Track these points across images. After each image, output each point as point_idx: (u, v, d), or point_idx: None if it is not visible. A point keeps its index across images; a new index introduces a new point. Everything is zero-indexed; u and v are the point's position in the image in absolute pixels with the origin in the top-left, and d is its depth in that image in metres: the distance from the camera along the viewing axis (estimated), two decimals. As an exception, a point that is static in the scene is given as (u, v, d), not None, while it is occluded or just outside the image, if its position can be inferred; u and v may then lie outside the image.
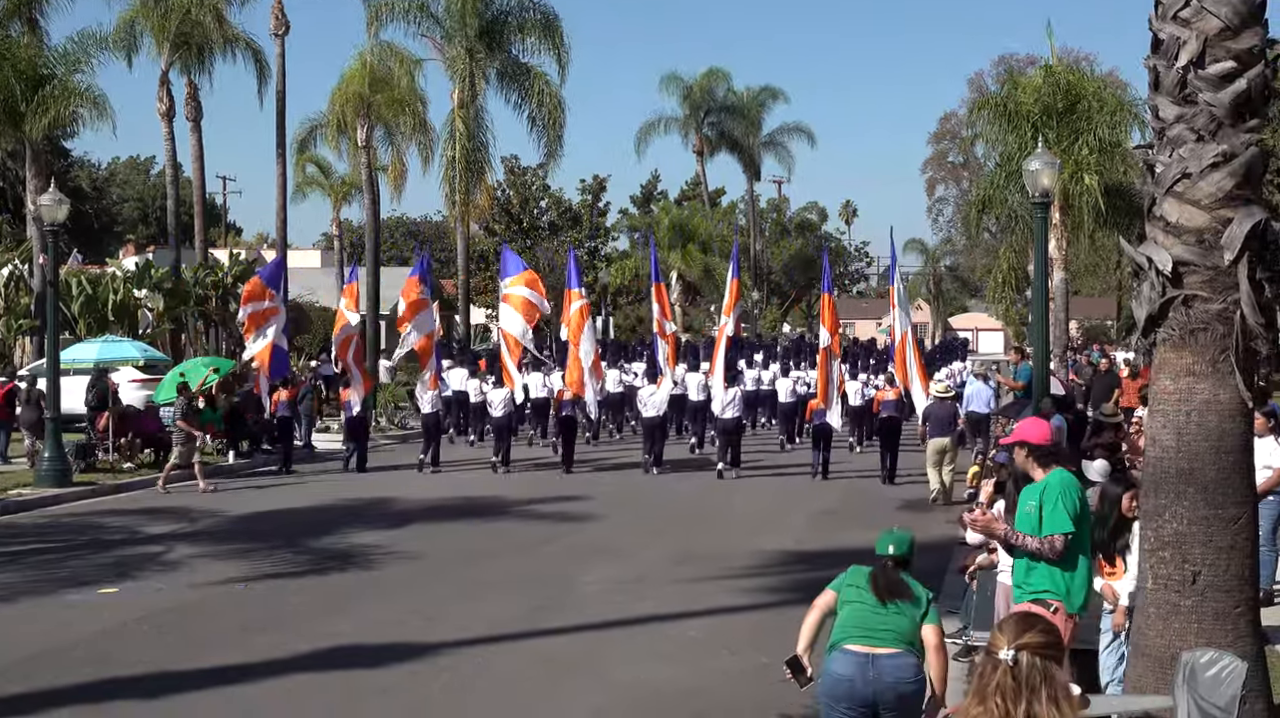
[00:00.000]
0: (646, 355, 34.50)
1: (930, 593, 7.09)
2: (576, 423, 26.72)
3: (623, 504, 21.40)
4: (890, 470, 23.55)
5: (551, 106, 44.10)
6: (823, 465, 24.08)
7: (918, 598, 6.91)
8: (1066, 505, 7.52)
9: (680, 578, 14.70)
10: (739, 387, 27.30)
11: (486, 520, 19.44)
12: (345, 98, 41.34)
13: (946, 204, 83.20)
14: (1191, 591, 7.69)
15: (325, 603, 13.45)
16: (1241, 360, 7.69)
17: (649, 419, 25.85)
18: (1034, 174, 17.29)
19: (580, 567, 15.50)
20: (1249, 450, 7.94)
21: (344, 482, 24.14)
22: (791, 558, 15.93)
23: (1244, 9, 7.81)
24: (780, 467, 26.39)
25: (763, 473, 25.44)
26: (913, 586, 6.98)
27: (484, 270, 64.36)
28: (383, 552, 16.40)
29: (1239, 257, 7.66)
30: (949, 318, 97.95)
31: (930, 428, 21.20)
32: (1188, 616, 7.65)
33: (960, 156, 72.67)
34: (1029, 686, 3.85)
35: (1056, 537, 7.47)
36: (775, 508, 21.01)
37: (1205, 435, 7.75)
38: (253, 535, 17.83)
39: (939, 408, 21.52)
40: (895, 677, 6.68)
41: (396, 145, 45.18)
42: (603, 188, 70.95)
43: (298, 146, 47.73)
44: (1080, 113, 32.01)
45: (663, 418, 26.35)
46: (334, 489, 22.90)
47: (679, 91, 65.52)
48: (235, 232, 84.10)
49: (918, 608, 6.87)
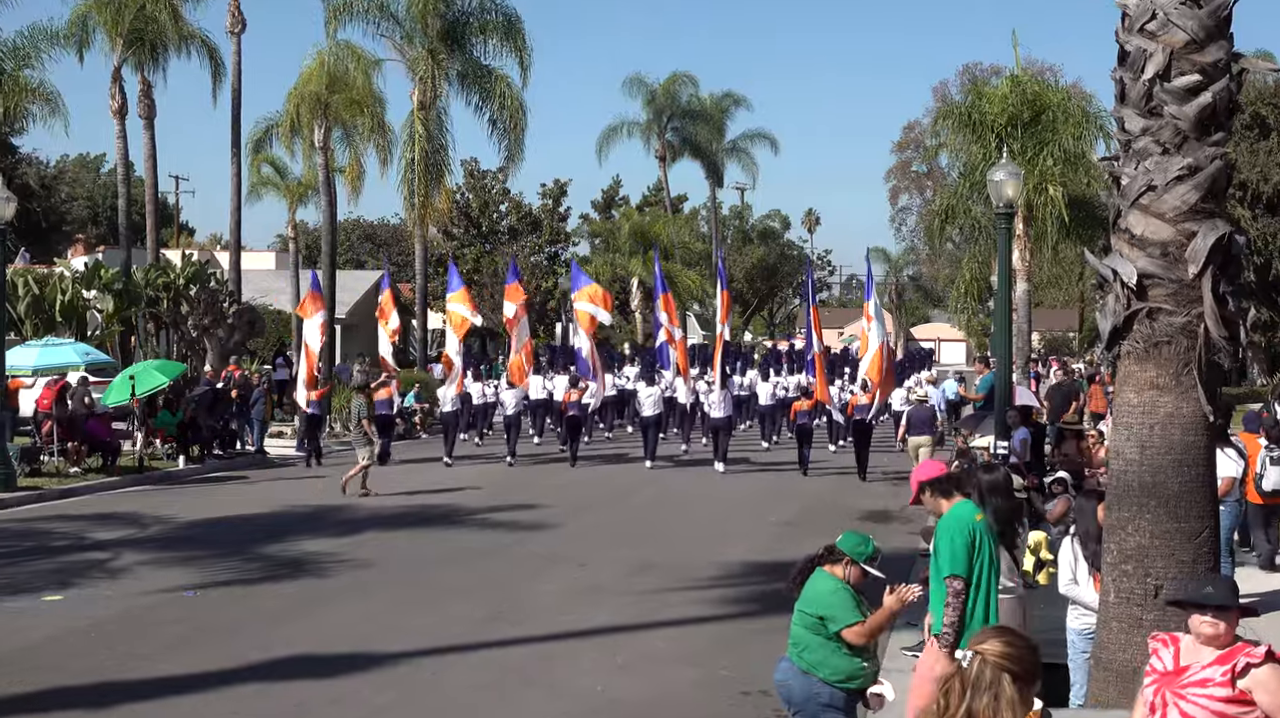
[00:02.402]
0: (641, 359, 38.31)
1: (832, 605, 7.22)
2: (581, 423, 29.24)
3: (582, 511, 21.39)
4: (861, 468, 26.21)
5: (513, 109, 44.00)
6: (805, 461, 26.73)
7: (803, 603, 7.28)
8: (954, 545, 7.45)
9: (639, 588, 14.69)
10: (728, 389, 29.06)
11: (442, 528, 19.35)
12: (302, 97, 41.09)
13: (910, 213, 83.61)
14: (1154, 604, 7.75)
15: (276, 611, 13.36)
16: (1205, 374, 7.76)
17: (647, 418, 28.58)
18: (998, 184, 17.40)
19: (537, 575, 15.46)
20: (1212, 464, 8.02)
21: (297, 488, 23.98)
22: (753, 569, 15.94)
23: (1210, 23, 7.90)
24: (763, 465, 28.80)
25: (742, 470, 27.68)
26: (807, 587, 7.27)
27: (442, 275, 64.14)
28: (335, 559, 16.30)
29: (1203, 270, 7.74)
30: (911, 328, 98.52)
31: (910, 428, 24.53)
32: (1150, 629, 7.69)
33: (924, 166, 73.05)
34: (974, 687, 3.95)
35: (953, 580, 7.43)
36: (738, 516, 21.08)
37: (1168, 449, 7.81)
38: (203, 542, 17.66)
39: (918, 411, 24.85)
40: (779, 678, 7.39)
41: (354, 147, 44.95)
42: (563, 192, 70.80)
43: (253, 147, 47.34)
44: (1045, 123, 32.21)
45: (659, 416, 29.34)
46: (286, 495, 22.74)
47: (642, 95, 65.58)
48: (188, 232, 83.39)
49: (807, 615, 7.24)
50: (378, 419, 28.57)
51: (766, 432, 33.47)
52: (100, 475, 24.15)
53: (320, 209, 44.55)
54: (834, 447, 32.10)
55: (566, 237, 72.19)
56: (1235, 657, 5.28)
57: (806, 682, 7.22)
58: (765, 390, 33.46)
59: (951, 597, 7.41)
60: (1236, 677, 5.21)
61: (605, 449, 32.05)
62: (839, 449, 31.56)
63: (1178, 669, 5.38)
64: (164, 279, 40.26)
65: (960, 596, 7.38)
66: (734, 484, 25.68)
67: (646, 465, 27.80)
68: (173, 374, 28.15)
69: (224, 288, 38.69)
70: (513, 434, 28.83)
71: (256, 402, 29.64)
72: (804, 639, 7.27)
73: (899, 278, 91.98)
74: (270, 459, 28.79)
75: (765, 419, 33.77)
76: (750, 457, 30.32)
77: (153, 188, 42.73)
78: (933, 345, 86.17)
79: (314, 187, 46.82)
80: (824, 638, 7.20)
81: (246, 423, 29.78)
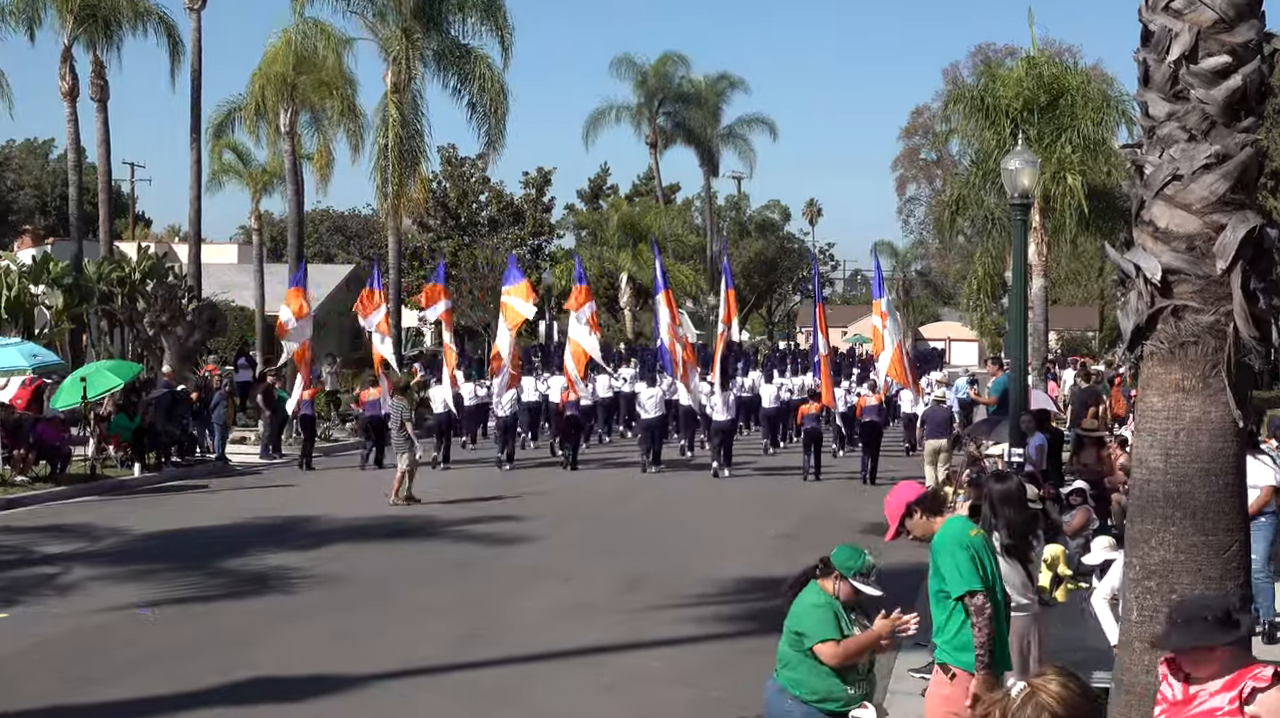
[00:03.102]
0: (637, 360, 39.10)
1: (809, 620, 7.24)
2: (580, 424, 30.11)
3: (570, 521, 21.43)
4: (871, 472, 26.90)
5: (494, 92, 43.97)
6: (815, 467, 27.46)
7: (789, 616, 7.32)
8: (958, 561, 7.42)
9: (628, 605, 14.69)
10: (732, 391, 29.95)
11: (418, 540, 19.34)
12: (267, 79, 41.02)
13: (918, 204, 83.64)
14: (1180, 623, 7.73)
15: (238, 631, 13.33)
16: (1234, 376, 7.75)
17: (649, 420, 29.34)
18: (1013, 173, 17.40)
19: (518, 592, 15.45)
20: (1242, 473, 8.00)
21: (262, 497, 23.94)
22: (749, 584, 15.93)
23: (1240, 0, 7.89)
24: (766, 470, 29.50)
25: (744, 476, 28.33)
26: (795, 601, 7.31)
27: (417, 269, 64.09)
28: (302, 574, 16.28)
29: (1232, 265, 7.72)
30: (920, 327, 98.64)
31: (927, 430, 25.38)
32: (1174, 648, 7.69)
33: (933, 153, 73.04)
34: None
35: (975, 596, 7.39)
36: (736, 526, 21.20)
37: (1195, 456, 7.80)
38: (159, 556, 17.62)
39: (935, 412, 25.55)
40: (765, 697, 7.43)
41: (323, 132, 44.91)
42: (547, 181, 70.88)
43: (214, 131, 47.23)
44: (1063, 108, 32.22)
45: (662, 418, 30.13)
46: (249, 505, 22.69)
47: (632, 77, 65.68)
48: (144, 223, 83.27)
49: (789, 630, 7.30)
50: (368, 421, 29.82)
51: (771, 436, 34.17)
52: (49, 484, 24.08)
53: (286, 199, 44.47)
54: (840, 452, 32.73)
55: (551, 228, 72.24)
56: (1242, 681, 5.23)
57: (780, 699, 7.27)
58: (769, 393, 34.13)
59: (974, 614, 7.39)
60: (1244, 703, 5.18)
61: (601, 454, 32.53)
62: (845, 454, 32.17)
63: (1186, 698, 5.35)
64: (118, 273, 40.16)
65: (984, 611, 7.36)
66: (734, 491, 25.93)
67: (652, 470, 28.54)
68: (127, 376, 28.07)
69: (183, 283, 38.63)
70: (510, 438, 29.66)
71: (217, 405, 29.60)
72: (785, 656, 7.31)
73: (906, 273, 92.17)
74: (232, 467, 28.74)
75: (769, 423, 34.46)
76: (753, 462, 30.88)
77: (106, 175, 42.65)
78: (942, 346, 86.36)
79: (280, 174, 46.73)
80: (802, 654, 7.22)
81: (207, 428, 29.74)
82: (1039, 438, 17.62)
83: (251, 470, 28.39)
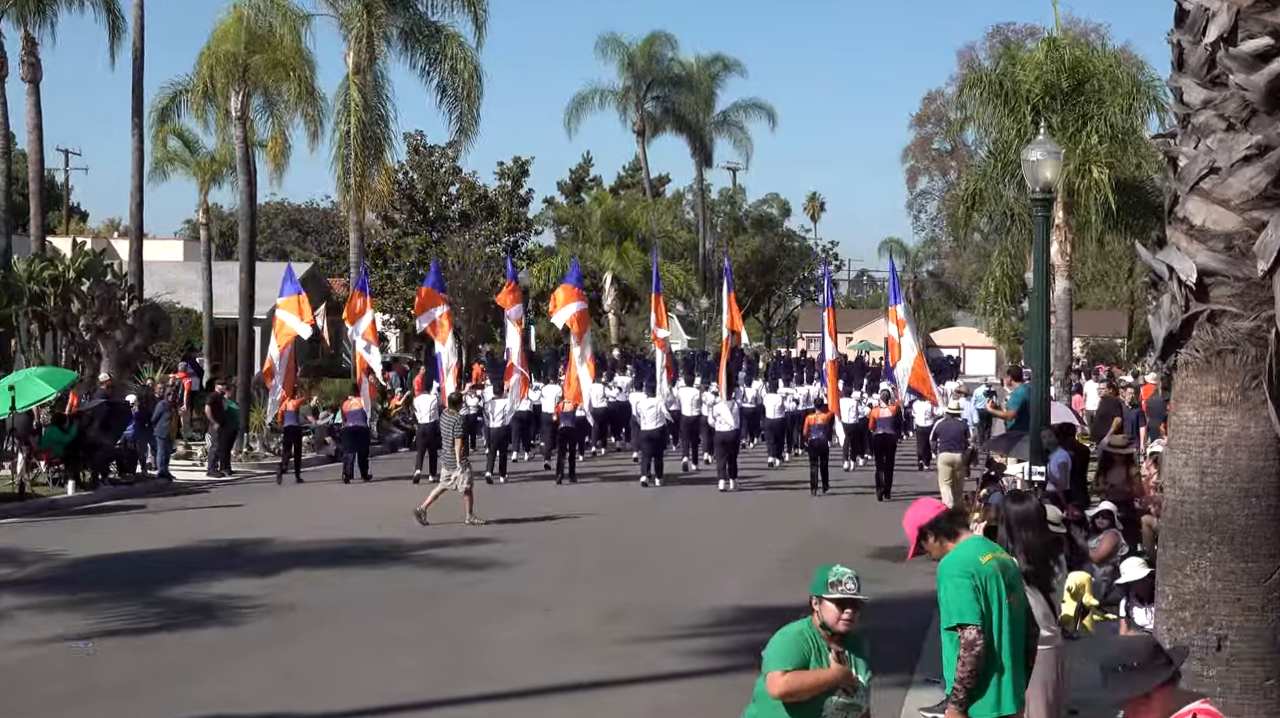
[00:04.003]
0: (633, 367, 40.10)
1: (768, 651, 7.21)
2: (576, 435, 30.88)
3: (553, 542, 21.47)
4: (885, 487, 27.56)
5: (466, 74, 43.96)
6: (822, 480, 28.13)
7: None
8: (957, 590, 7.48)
9: (614, 636, 14.68)
10: (736, 400, 30.83)
11: (383, 565, 19.30)
12: (216, 59, 40.90)
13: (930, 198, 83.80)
14: (1216, 658, 7.75)
15: (183, 665, 13.28)
16: (1276, 388, 7.78)
17: (649, 431, 29.97)
18: (1034, 165, 17.45)
19: (494, 622, 15.42)
20: (1284, 493, 8.02)
21: (207, 519, 23.89)
22: (745, 614, 15.93)
23: (1283, -24, 7.92)
24: (770, 484, 30.24)
25: (746, 490, 28.98)
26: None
27: (381, 268, 63.97)
28: (253, 603, 16.22)
29: (1274, 267, 7.76)
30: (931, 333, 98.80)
31: (941, 443, 25.72)
32: (1211, 687, 7.70)
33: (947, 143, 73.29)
34: None
35: (965, 629, 7.45)
36: (734, 548, 21.31)
37: (1233, 476, 7.82)
38: (95, 583, 17.55)
39: (949, 424, 25.84)
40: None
41: (278, 117, 44.76)
42: (525, 172, 70.70)
43: (158, 116, 47.11)
44: (1089, 94, 32.35)
45: (662, 429, 30.77)
46: (195, 527, 22.64)
47: (619, 58, 65.69)
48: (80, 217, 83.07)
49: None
50: (348, 431, 30.56)
51: (775, 448, 34.75)
52: (-26, 504, 24.03)
53: (237, 190, 44.38)
54: (849, 465, 33.43)
55: (528, 224, 72.12)
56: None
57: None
58: (773, 402, 34.71)
59: (963, 649, 7.41)
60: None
61: (597, 467, 33.12)
62: (856, 467, 33.10)
63: None
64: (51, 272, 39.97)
65: (973, 647, 7.38)
66: (735, 509, 26.32)
67: (656, 483, 29.32)
68: (61, 384, 27.97)
69: (122, 282, 38.47)
70: (503, 450, 30.69)
71: (160, 417, 29.52)
72: (756, 688, 7.26)
73: (917, 274, 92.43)
74: (176, 485, 28.66)
75: (773, 434, 35.08)
76: (757, 476, 31.50)
77: (38, 164, 42.50)
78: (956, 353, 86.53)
79: (230, 164, 46.63)
80: (764, 687, 7.19)
81: (148, 442, 29.66)
82: (1061, 455, 17.64)
83: (197, 489, 28.31)
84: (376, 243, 63.23)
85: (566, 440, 30.43)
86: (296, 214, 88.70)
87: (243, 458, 32.40)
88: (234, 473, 30.61)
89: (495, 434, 30.60)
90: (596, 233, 60.32)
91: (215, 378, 36.81)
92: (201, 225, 54.85)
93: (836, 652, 7.17)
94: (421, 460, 30.27)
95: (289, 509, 25.60)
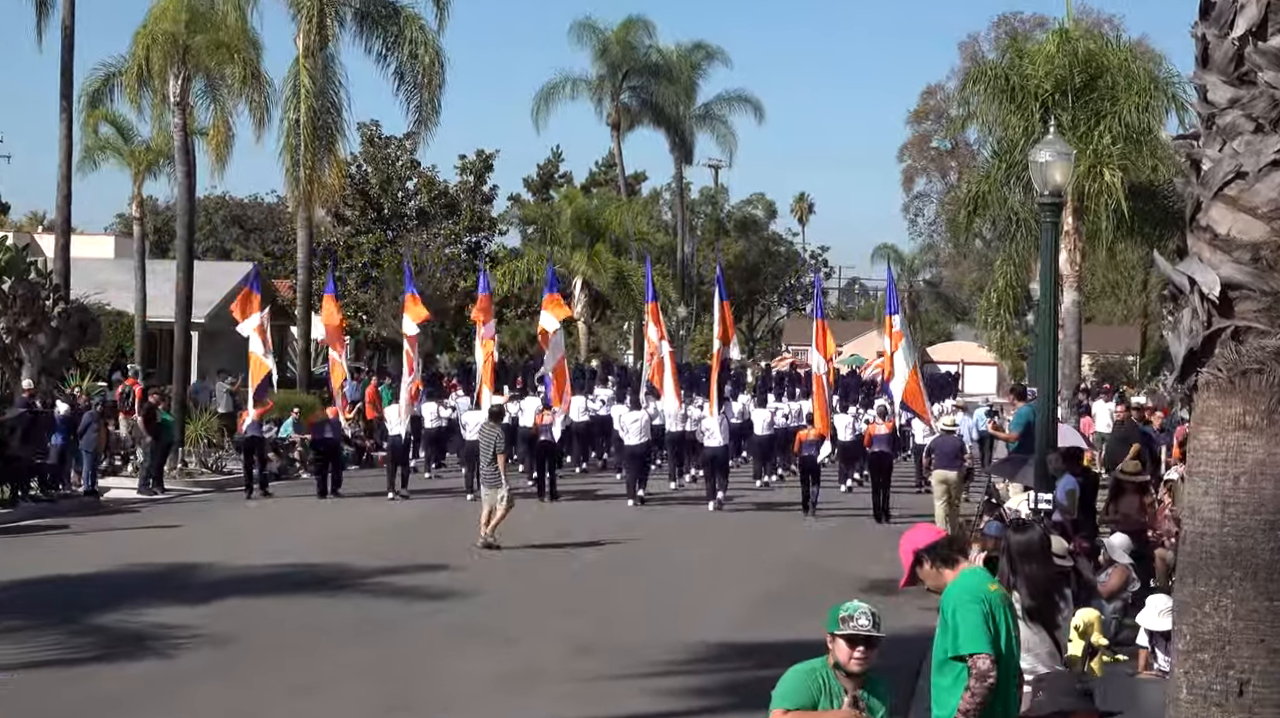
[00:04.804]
0: (615, 379, 40.91)
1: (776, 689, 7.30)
2: (556, 449, 31.70)
3: (516, 571, 21.49)
4: (884, 508, 28.25)
5: (427, 59, 44.00)
6: (813, 501, 28.75)
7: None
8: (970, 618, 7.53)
9: (582, 673, 14.68)
10: (725, 414, 31.27)
11: (327, 594, 19.23)
12: (153, 38, 40.78)
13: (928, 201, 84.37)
14: (1238, 704, 7.77)
15: (112, 700, 13.25)
16: (1305, 411, 7.81)
17: (633, 447, 30.71)
18: (1042, 167, 17.53)
19: (450, 656, 15.43)
20: (1314, 526, 8.05)
21: (140, 540, 23.81)
22: (725, 651, 15.97)
23: (1318, -36, 7.96)
24: (759, 505, 30.89)
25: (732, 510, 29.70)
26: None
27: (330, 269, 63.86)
28: (188, 633, 16.17)
29: (1305, 279, 7.80)
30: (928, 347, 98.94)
31: (935, 460, 26.11)
32: (1231, 735, 7.74)
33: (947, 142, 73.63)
34: None
35: (978, 658, 7.49)
36: (716, 576, 21.39)
37: (1258, 506, 7.84)
38: (16, 609, 17.50)
39: (944, 441, 26.44)
40: None
41: (220, 103, 44.63)
42: (489, 167, 70.79)
43: (89, 100, 46.99)
44: (1102, 90, 32.44)
45: (647, 445, 31.46)
46: (126, 550, 22.57)
47: (593, 45, 65.69)
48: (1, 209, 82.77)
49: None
50: (318, 444, 31.37)
51: (760, 466, 35.52)
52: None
53: (175, 183, 44.21)
54: (845, 486, 34.14)
55: (492, 223, 72.15)
56: None
57: None
58: (761, 418, 35.21)
59: (973, 679, 7.44)
60: None
61: (578, 484, 33.64)
62: (852, 488, 33.97)
63: None
64: (-31, 269, 39.87)
65: (985, 678, 7.42)
66: (720, 531, 26.73)
67: (629, 504, 29.69)
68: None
69: (47, 281, 38.32)
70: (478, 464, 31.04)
71: (87, 429, 29.38)
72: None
73: (913, 283, 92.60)
74: (105, 503, 28.55)
75: (760, 452, 35.81)
76: (745, 495, 32.22)
77: (-43, 151, 42.34)
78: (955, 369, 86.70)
79: (167, 153, 46.48)
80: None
81: (74, 456, 29.51)
82: (1069, 481, 17.73)
83: (128, 508, 28.19)
84: (326, 242, 63.17)
85: (546, 455, 31.09)
86: (239, 209, 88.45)
87: (177, 475, 32.25)
88: (168, 491, 30.48)
89: (470, 448, 30.62)
90: (566, 234, 60.28)
91: (149, 387, 36.62)
92: (135, 220, 54.65)
93: (853, 695, 7.19)
94: (393, 478, 30.64)
95: (231, 530, 25.53)
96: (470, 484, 30.18)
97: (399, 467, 31.04)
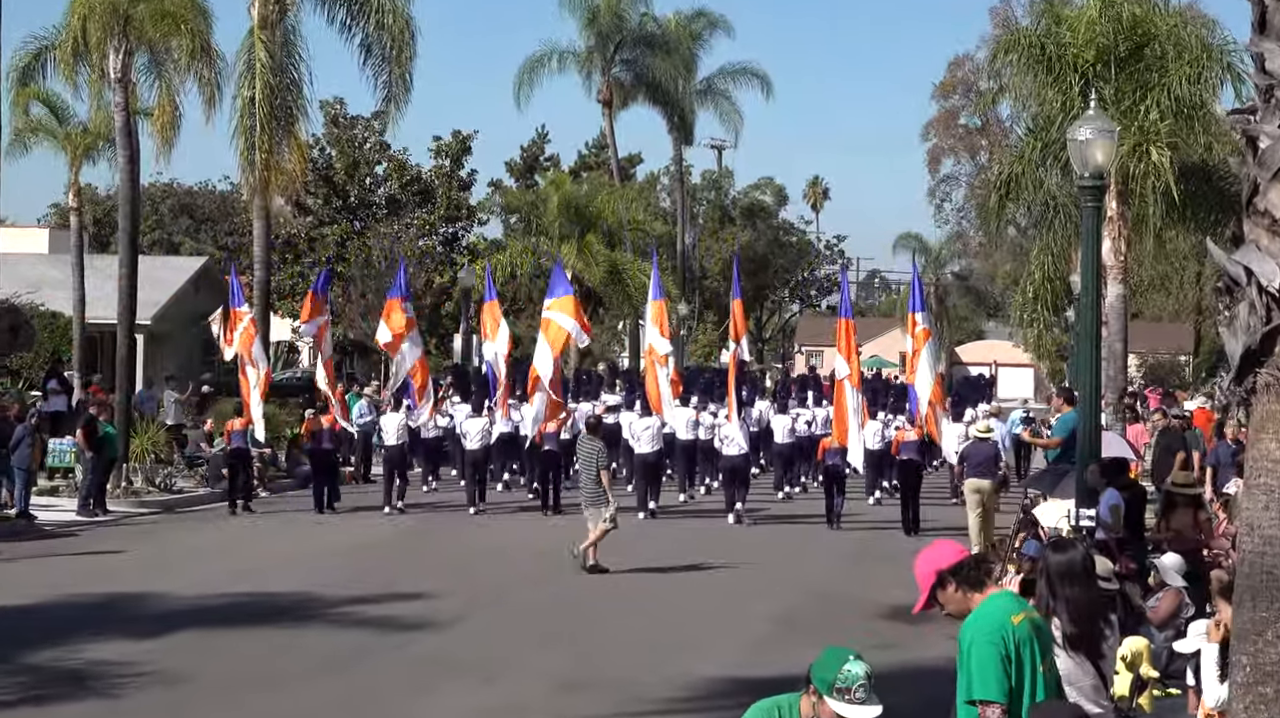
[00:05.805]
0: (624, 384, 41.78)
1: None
2: (559, 459, 32.17)
3: (497, 598, 21.49)
4: (914, 520, 28.96)
5: (396, 30, 43.92)
6: (837, 513, 29.51)
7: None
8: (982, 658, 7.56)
9: (565, 712, 14.73)
10: (744, 421, 32.19)
11: (287, 626, 19.23)
12: (90, 8, 40.75)
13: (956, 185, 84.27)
14: (1304, 742, 7.78)
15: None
16: (1375, 416, 7.81)
17: (644, 455, 31.67)
18: (1083, 145, 17.54)
19: (424, 692, 15.45)
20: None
21: (79, 568, 23.78)
22: (729, 687, 15.91)
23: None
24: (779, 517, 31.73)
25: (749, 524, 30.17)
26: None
27: (294, 263, 63.87)
28: (134, 671, 16.16)
29: (1374, 270, 7.79)
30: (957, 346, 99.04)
31: (968, 468, 26.82)
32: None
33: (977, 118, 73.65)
34: None
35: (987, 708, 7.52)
36: (720, 602, 21.37)
37: (1325, 522, 7.85)
38: (-58, 646, 17.49)
39: (977, 448, 27.02)
40: None
41: (166, 80, 44.60)
42: (466, 149, 70.79)
43: (18, 77, 46.89)
44: (1149, 60, 32.41)
45: (659, 453, 32.47)
46: (64, 578, 22.54)
47: (581, 13, 65.62)
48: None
49: None
50: (314, 454, 32.02)
51: (781, 476, 36.32)
52: None
53: (116, 169, 44.21)
54: (872, 499, 34.54)
55: (470, 212, 72.13)
56: None
57: None
58: (782, 425, 36.12)
59: None
60: None
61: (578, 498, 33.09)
62: (881, 501, 34.37)
63: None
64: (-112, 266, 39.91)
65: None
66: (732, 547, 26.84)
67: (639, 517, 30.11)
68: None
69: (-25, 279, 38.41)
70: (481, 475, 32.19)
71: (19, 443, 29.31)
72: None
73: (940, 276, 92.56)
74: (39, 526, 28.50)
75: (782, 461, 36.68)
76: (765, 508, 32.90)
77: (-127, 135, 42.33)
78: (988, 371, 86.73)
79: (107, 136, 46.48)
80: None
81: (5, 473, 29.46)
82: (1113, 495, 17.68)
83: (66, 532, 28.14)
84: (286, 234, 63.17)
85: (550, 466, 31.87)
86: (188, 198, 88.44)
87: (121, 495, 32.18)
88: (110, 513, 30.39)
89: (472, 458, 32.09)
90: (553, 223, 60.22)
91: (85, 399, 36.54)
92: (72, 211, 54.53)
93: None
94: (390, 491, 31.04)
95: (184, 555, 25.49)
96: (472, 498, 31.25)
97: (396, 480, 31.43)
